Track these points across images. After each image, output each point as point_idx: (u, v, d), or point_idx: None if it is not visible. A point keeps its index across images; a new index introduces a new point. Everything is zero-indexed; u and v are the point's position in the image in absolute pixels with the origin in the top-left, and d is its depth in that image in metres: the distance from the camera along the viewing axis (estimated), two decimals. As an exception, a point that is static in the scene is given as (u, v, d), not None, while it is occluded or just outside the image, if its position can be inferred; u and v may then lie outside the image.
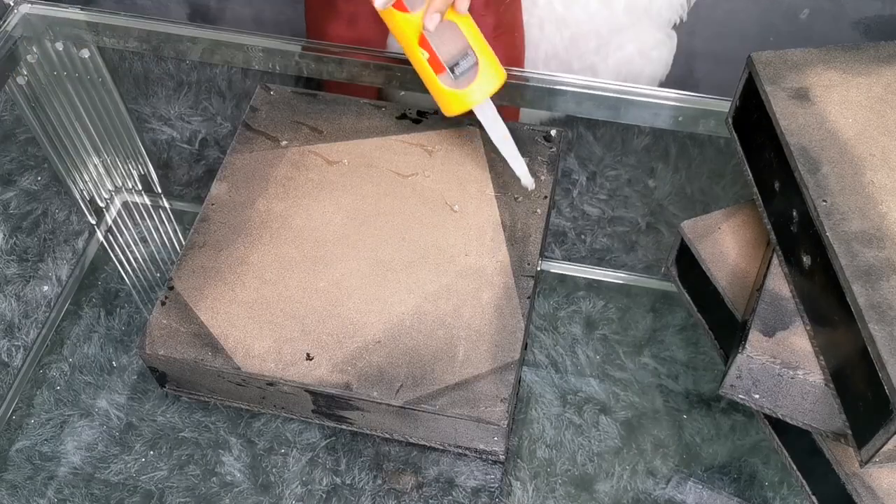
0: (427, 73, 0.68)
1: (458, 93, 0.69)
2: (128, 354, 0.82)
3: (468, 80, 0.68)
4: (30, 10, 0.99)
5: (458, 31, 0.67)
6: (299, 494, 0.74)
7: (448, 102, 0.70)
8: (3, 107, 1.02)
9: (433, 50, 0.67)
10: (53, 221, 0.92)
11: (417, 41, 0.67)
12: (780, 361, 0.63)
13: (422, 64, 0.68)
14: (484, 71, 0.69)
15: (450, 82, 0.68)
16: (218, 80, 1.05)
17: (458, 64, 0.68)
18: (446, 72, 0.68)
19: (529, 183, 0.74)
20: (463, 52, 0.67)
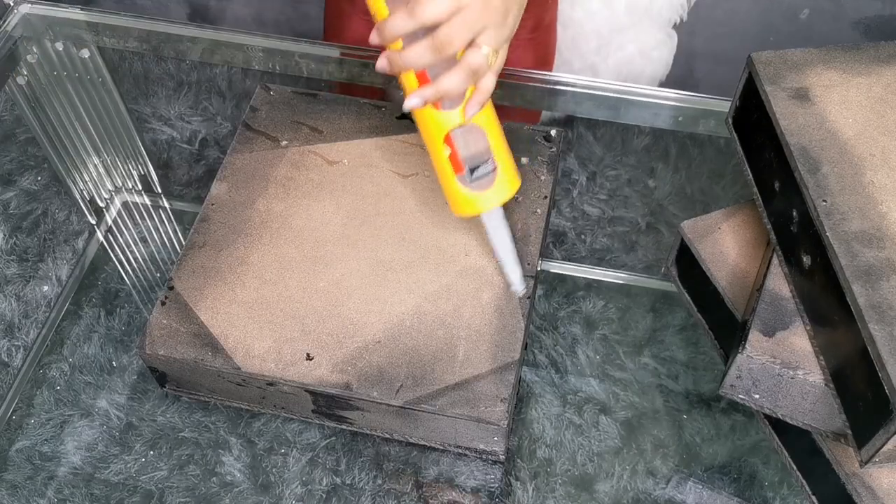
0: (445, 170, 0.68)
1: (471, 196, 0.68)
2: (128, 354, 0.82)
3: (484, 185, 0.68)
4: (30, 10, 0.99)
5: (484, 135, 0.67)
6: (299, 494, 0.74)
7: (460, 203, 0.69)
8: (3, 107, 1.02)
9: (456, 149, 0.66)
10: (53, 221, 0.92)
11: (443, 137, 0.66)
12: (780, 361, 0.63)
13: (442, 160, 0.67)
14: (500, 179, 0.68)
15: (466, 182, 0.68)
16: (218, 80, 1.05)
17: (477, 167, 0.67)
18: (465, 172, 0.67)
19: (521, 290, 0.73)
20: (484, 157, 0.67)
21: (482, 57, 0.63)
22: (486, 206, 0.69)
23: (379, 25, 0.62)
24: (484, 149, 0.67)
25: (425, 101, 0.64)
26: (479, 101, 0.65)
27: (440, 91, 0.63)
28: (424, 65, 0.63)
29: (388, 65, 0.64)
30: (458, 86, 0.63)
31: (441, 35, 0.61)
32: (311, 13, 1.63)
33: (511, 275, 0.72)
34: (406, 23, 0.61)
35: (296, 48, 0.96)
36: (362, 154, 0.84)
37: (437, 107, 0.65)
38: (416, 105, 0.65)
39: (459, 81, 0.63)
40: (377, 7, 0.62)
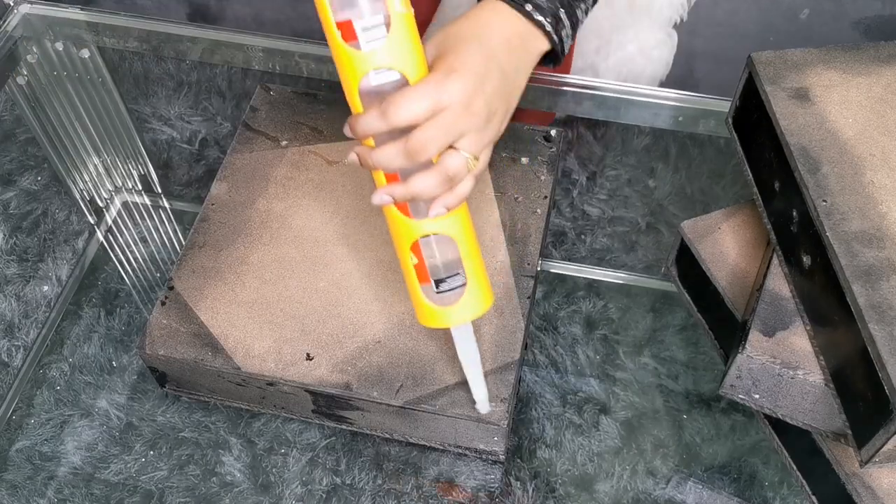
0: (411, 279, 0.63)
1: (436, 309, 0.63)
2: (128, 354, 0.82)
3: (451, 299, 0.62)
4: (30, 10, 0.99)
5: (455, 246, 0.61)
6: (299, 494, 0.74)
7: (424, 314, 0.64)
8: (3, 107, 1.02)
9: (423, 259, 0.61)
10: (53, 221, 0.92)
11: (411, 245, 0.60)
12: (780, 361, 0.63)
13: (408, 268, 0.62)
14: (469, 295, 0.62)
15: (432, 295, 0.62)
16: (218, 80, 1.05)
17: (444, 280, 0.62)
18: (430, 284, 0.62)
19: (485, 410, 0.69)
20: (453, 270, 0.61)
21: (461, 161, 0.57)
22: (452, 321, 0.63)
23: (351, 120, 0.57)
24: (453, 262, 0.61)
25: (394, 200, 0.58)
26: (447, 203, 0.58)
27: (410, 192, 0.57)
28: (395, 168, 0.57)
29: (357, 160, 0.58)
30: (431, 190, 0.57)
31: (414, 140, 0.55)
32: (311, 13, 1.62)
33: (476, 393, 0.68)
34: (378, 123, 0.55)
35: (296, 48, 0.96)
36: (362, 154, 0.84)
37: (405, 209, 0.60)
38: (384, 203, 0.59)
39: (433, 186, 0.57)
40: (352, 101, 0.56)
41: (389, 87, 0.55)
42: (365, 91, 0.55)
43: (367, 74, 0.55)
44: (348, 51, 0.54)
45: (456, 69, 0.55)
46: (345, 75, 0.55)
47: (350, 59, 0.54)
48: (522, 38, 0.60)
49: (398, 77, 0.55)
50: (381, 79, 0.55)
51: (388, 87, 0.55)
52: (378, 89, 0.55)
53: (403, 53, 0.54)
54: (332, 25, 0.54)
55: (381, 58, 0.54)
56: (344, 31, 0.54)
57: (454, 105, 0.55)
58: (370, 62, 0.54)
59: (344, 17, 0.53)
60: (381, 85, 0.55)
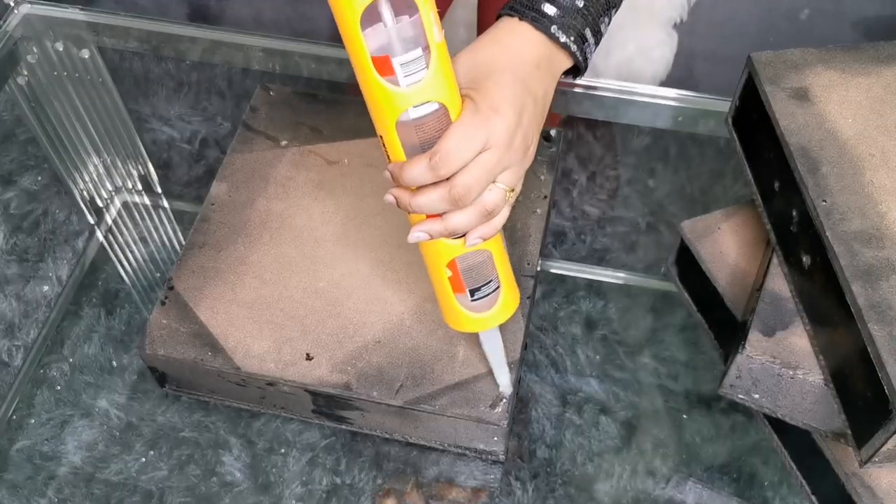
0: (445, 290, 0.63)
1: (471, 316, 0.64)
2: (128, 354, 0.82)
3: (484, 306, 0.64)
4: (30, 10, 0.99)
5: (489, 258, 0.62)
6: (299, 494, 0.74)
7: (458, 321, 0.65)
8: (3, 107, 1.02)
9: (459, 273, 0.61)
10: (53, 221, 0.92)
11: (446, 263, 0.61)
12: (780, 361, 0.63)
13: (442, 282, 0.63)
14: (502, 300, 0.64)
15: (466, 303, 0.64)
16: (218, 80, 1.05)
17: (479, 289, 0.63)
18: (465, 294, 0.63)
19: (509, 392, 0.70)
20: (486, 279, 0.62)
21: (499, 196, 0.57)
22: (486, 326, 0.65)
23: (394, 170, 0.56)
24: (487, 272, 0.62)
25: (431, 237, 0.58)
26: (483, 234, 0.58)
27: (448, 229, 0.57)
28: (437, 212, 0.57)
29: (395, 203, 0.58)
30: (470, 225, 0.57)
31: (459, 187, 0.54)
32: (311, 13, 1.63)
33: (500, 378, 0.70)
34: (427, 175, 0.54)
35: (296, 48, 0.96)
36: (362, 154, 0.84)
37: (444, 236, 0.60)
38: (421, 240, 0.59)
39: (472, 221, 0.57)
40: (391, 144, 0.55)
41: (429, 119, 0.53)
42: (403, 125, 0.54)
43: (406, 110, 0.53)
44: (386, 88, 0.51)
45: (497, 108, 0.55)
46: (379, 111, 0.53)
47: (388, 97, 0.52)
48: (550, 60, 0.60)
49: (437, 107, 0.53)
50: (420, 111, 0.53)
51: (427, 118, 0.53)
52: (417, 122, 0.53)
53: (443, 86, 0.53)
54: (367, 60, 0.51)
55: (421, 93, 0.52)
56: (380, 67, 0.51)
57: (498, 145, 0.55)
58: (410, 99, 0.52)
59: (381, 52, 0.50)
60: (421, 118, 0.53)
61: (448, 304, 0.64)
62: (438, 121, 0.54)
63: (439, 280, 0.63)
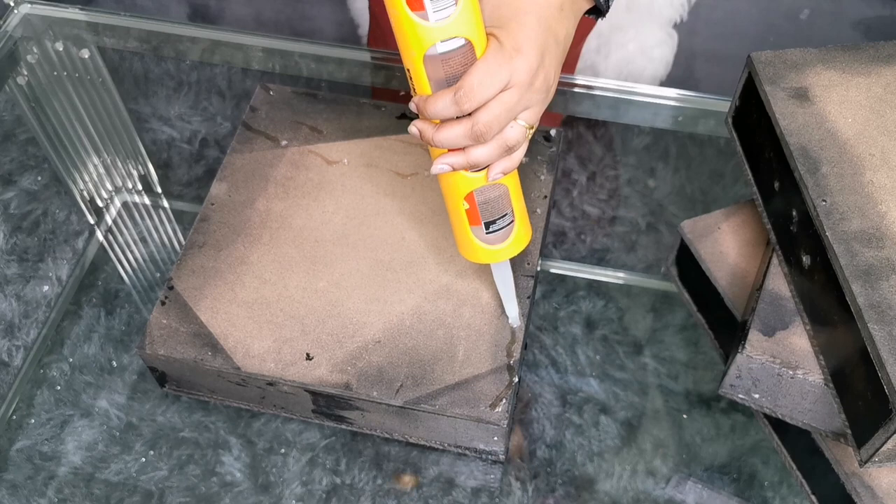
0: (462, 222, 0.66)
1: (485, 248, 0.67)
2: (128, 354, 0.82)
3: (499, 238, 0.67)
4: (30, 10, 0.99)
5: (506, 192, 0.65)
6: (299, 494, 0.74)
7: (473, 252, 0.68)
8: (3, 107, 1.02)
9: (476, 206, 0.64)
10: (53, 221, 0.92)
11: (465, 196, 0.64)
12: (780, 361, 0.63)
13: (460, 214, 0.66)
14: (516, 233, 0.67)
15: (482, 235, 0.66)
16: (218, 80, 1.05)
17: (494, 222, 0.66)
18: (481, 226, 0.66)
19: (516, 324, 0.73)
20: (502, 212, 0.65)
21: (520, 133, 0.60)
22: (500, 258, 0.68)
23: (420, 102, 0.58)
24: (503, 206, 0.65)
25: (453, 169, 0.61)
26: (505, 169, 0.62)
27: (470, 162, 0.60)
28: (459, 146, 0.59)
29: (419, 135, 0.61)
30: (491, 159, 0.60)
31: (481, 124, 0.57)
32: (311, 13, 1.63)
33: (510, 311, 0.73)
34: (452, 109, 0.57)
35: (296, 48, 0.96)
36: (362, 154, 0.84)
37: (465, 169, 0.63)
38: (443, 172, 0.62)
39: (493, 155, 0.60)
40: (418, 78, 0.57)
41: (455, 54, 0.56)
42: (430, 59, 0.56)
43: (434, 45, 0.55)
44: (416, 22, 0.54)
45: (520, 47, 0.57)
46: (408, 45, 0.55)
47: (417, 31, 0.54)
48: (573, 1, 0.62)
49: (464, 43, 0.55)
50: (447, 46, 0.55)
51: (454, 54, 0.56)
52: (444, 57, 0.56)
53: (470, 23, 0.55)
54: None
55: (449, 30, 0.54)
56: (411, 1, 0.53)
57: (520, 84, 0.57)
58: (438, 34, 0.54)
59: None
60: (448, 52, 0.56)
61: (464, 235, 0.67)
62: (464, 56, 0.56)
63: (457, 212, 0.66)
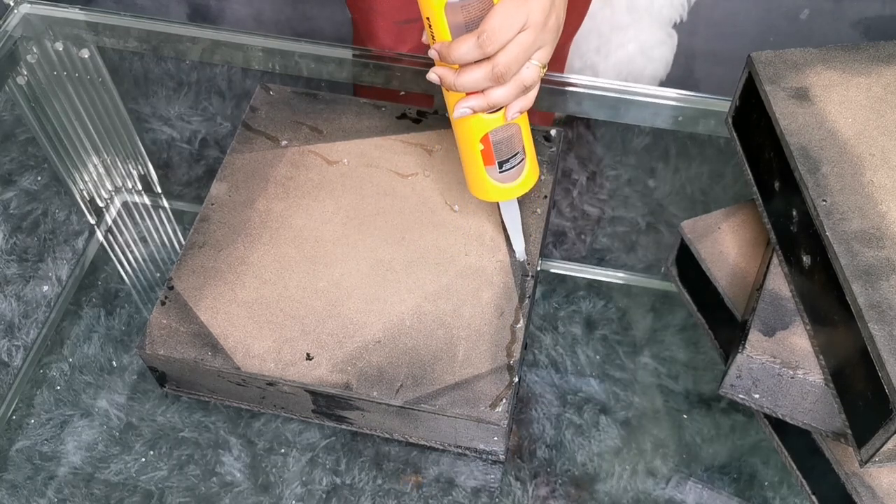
0: (476, 162, 0.70)
1: (498, 186, 0.71)
2: (128, 354, 0.82)
3: (511, 177, 0.71)
4: (30, 10, 0.99)
5: (518, 132, 0.69)
6: (299, 494, 0.74)
7: (486, 191, 0.72)
8: (3, 107, 1.02)
9: (491, 146, 0.68)
10: (53, 221, 0.92)
11: (481, 137, 0.67)
12: (780, 361, 0.63)
13: (475, 155, 0.69)
14: (527, 170, 0.71)
15: (495, 174, 0.70)
16: (218, 80, 1.05)
17: (507, 161, 0.69)
18: (495, 166, 0.70)
19: (522, 258, 0.77)
20: (514, 151, 0.69)
21: (535, 72, 0.63)
22: (512, 195, 0.72)
23: (442, 49, 0.61)
24: (516, 144, 0.69)
25: (474, 112, 0.65)
26: (522, 108, 0.65)
27: (490, 103, 0.64)
28: (479, 89, 0.63)
29: (439, 81, 0.64)
30: (509, 99, 0.64)
31: (500, 65, 0.61)
32: (311, 13, 1.63)
33: (517, 245, 0.77)
34: (473, 54, 0.60)
35: (296, 48, 0.96)
36: (362, 154, 0.84)
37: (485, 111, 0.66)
38: (465, 115, 0.65)
39: (511, 95, 0.64)
40: (438, 26, 0.61)
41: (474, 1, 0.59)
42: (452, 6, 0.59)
43: None
44: None
45: None
46: None
47: None
48: None
49: None
50: None
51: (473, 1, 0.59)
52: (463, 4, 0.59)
53: None
54: None
55: None
56: None
57: (535, 24, 0.61)
58: None
59: None
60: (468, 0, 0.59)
61: (478, 176, 0.71)
62: (482, 2, 0.59)
63: (472, 154, 0.69)
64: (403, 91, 0.96)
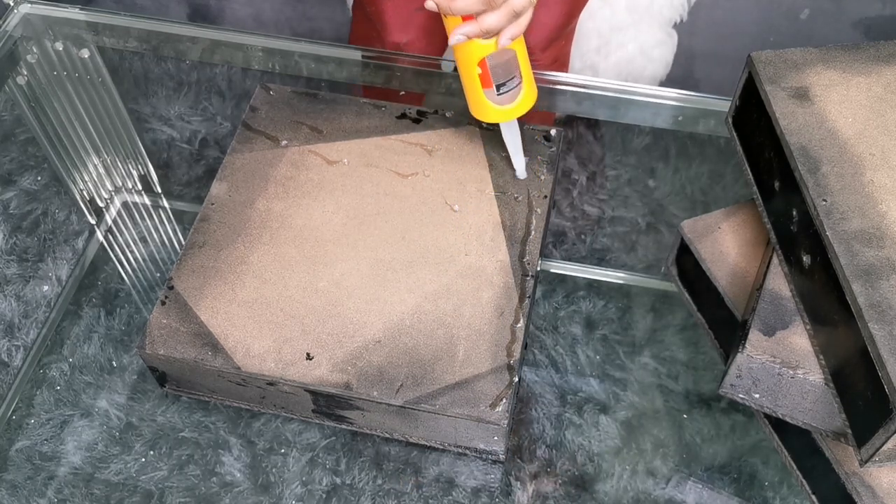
0: (474, 85, 0.74)
1: (496, 108, 0.75)
2: (128, 354, 0.82)
3: (509, 99, 0.74)
4: (30, 10, 0.99)
5: (514, 56, 0.72)
6: (299, 494, 0.74)
7: (486, 112, 0.76)
8: (3, 107, 1.02)
9: (488, 70, 0.72)
10: (53, 221, 0.92)
11: (478, 61, 0.72)
12: (780, 361, 0.63)
13: (473, 79, 0.73)
14: (524, 93, 0.75)
15: (493, 97, 0.74)
16: (218, 80, 1.05)
17: (504, 84, 0.73)
18: (493, 89, 0.73)
19: (522, 176, 0.81)
20: (511, 75, 0.73)
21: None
22: (510, 116, 0.76)
23: None
24: (513, 69, 0.73)
25: (468, 38, 0.69)
26: (514, 34, 0.69)
27: (483, 29, 0.68)
28: (474, 12, 0.67)
29: (435, 6, 0.68)
30: (501, 25, 0.68)
31: None
32: (311, 13, 1.63)
33: (517, 164, 0.80)
34: None
35: (296, 48, 0.96)
36: (362, 154, 0.84)
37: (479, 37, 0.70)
38: (460, 42, 0.70)
39: (503, 21, 0.68)
40: None
41: None
42: None
43: None
44: None
45: None
46: None
47: None
48: None
49: None
50: None
51: None
52: None
53: None
54: None
55: None
56: None
57: None
58: None
59: None
60: None
61: (477, 98, 0.75)
62: None
63: (470, 77, 0.73)
64: (403, 91, 0.96)
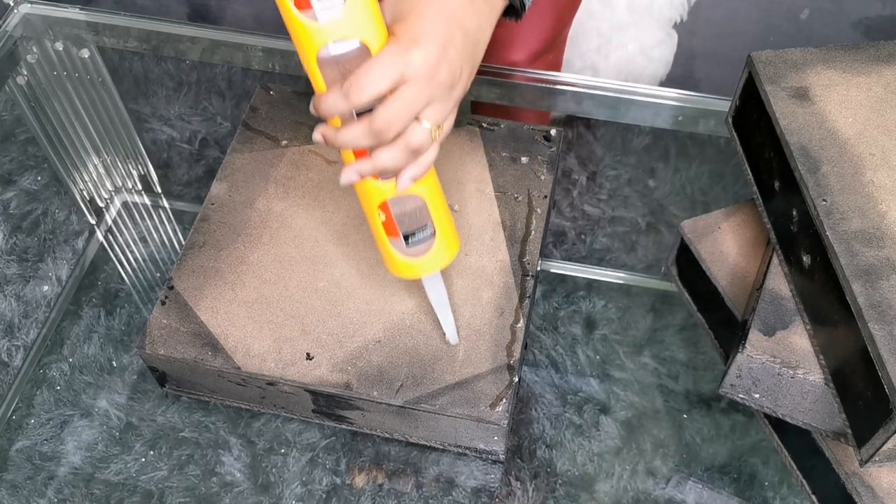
0: (380, 234, 0.64)
1: (406, 261, 0.65)
2: (128, 354, 0.82)
3: (420, 251, 0.64)
4: (30, 10, 0.99)
5: (422, 202, 0.62)
6: (299, 494, 0.74)
7: (395, 266, 0.66)
8: (3, 107, 1.02)
9: (392, 217, 0.62)
10: (53, 221, 0.92)
11: (379, 204, 0.62)
12: (780, 361, 0.63)
13: (377, 225, 0.63)
14: (438, 245, 0.64)
15: (402, 248, 0.64)
16: (218, 80, 1.05)
17: (413, 234, 0.63)
18: (399, 238, 0.63)
19: (454, 341, 0.72)
20: (422, 224, 0.63)
21: (424, 133, 0.56)
22: (422, 271, 0.66)
23: (315, 100, 0.56)
24: (421, 216, 0.62)
25: (362, 177, 0.59)
26: (414, 175, 0.59)
27: (377, 168, 0.57)
28: (361, 147, 0.57)
29: (322, 140, 0.58)
30: (397, 163, 0.57)
31: (379, 121, 0.54)
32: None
33: (447, 329, 0.71)
34: (341, 104, 0.54)
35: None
36: (362, 154, 0.84)
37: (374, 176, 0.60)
38: (352, 181, 0.59)
39: (398, 159, 0.57)
40: (315, 80, 0.55)
41: (350, 57, 0.53)
42: (324, 61, 0.53)
43: (326, 45, 0.53)
44: (304, 22, 0.51)
45: (417, 38, 0.54)
46: (301, 47, 0.53)
47: (306, 32, 0.52)
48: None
49: (358, 45, 0.53)
50: (340, 48, 0.53)
51: (348, 56, 0.53)
52: (338, 59, 0.53)
53: (362, 21, 0.52)
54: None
55: (338, 29, 0.52)
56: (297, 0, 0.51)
57: (417, 77, 0.54)
58: (328, 34, 0.52)
59: None
60: (341, 55, 0.53)
61: (384, 248, 0.65)
62: (359, 59, 0.53)
63: (374, 223, 0.63)
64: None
